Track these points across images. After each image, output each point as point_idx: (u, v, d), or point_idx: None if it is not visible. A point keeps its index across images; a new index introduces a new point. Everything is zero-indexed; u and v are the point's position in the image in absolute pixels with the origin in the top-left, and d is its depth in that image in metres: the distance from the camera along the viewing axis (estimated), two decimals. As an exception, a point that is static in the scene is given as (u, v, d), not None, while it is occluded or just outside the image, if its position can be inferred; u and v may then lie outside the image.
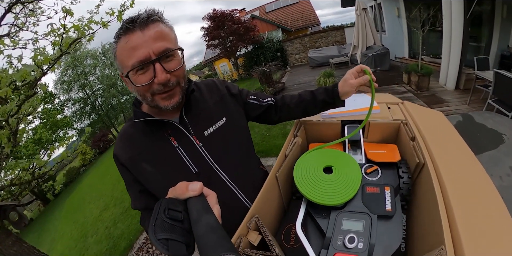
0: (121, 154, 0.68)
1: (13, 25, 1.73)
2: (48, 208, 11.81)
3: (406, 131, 0.68)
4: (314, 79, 5.23)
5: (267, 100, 0.85)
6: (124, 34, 0.56)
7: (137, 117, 0.67)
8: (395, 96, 1.01)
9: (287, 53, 10.79)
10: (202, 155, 0.69)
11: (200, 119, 0.72)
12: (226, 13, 10.00)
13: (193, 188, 0.39)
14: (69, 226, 6.59)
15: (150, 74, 0.57)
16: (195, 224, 0.34)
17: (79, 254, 4.54)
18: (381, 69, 5.77)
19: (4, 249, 1.87)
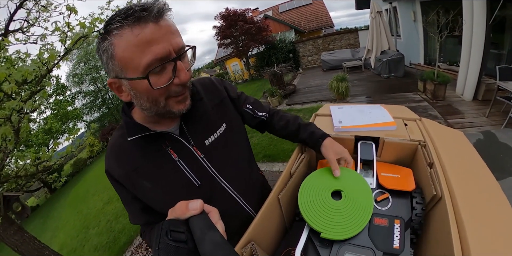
0: (115, 170, 0.62)
1: (25, 21, 1.74)
2: (54, 196, 12.19)
3: (424, 156, 0.61)
4: (326, 82, 5.11)
5: (262, 114, 0.81)
6: (134, 25, 0.44)
7: (131, 133, 0.58)
8: (412, 111, 0.93)
9: (299, 55, 10.67)
10: (204, 167, 0.64)
11: (200, 127, 0.66)
12: (239, 13, 9.98)
13: (194, 207, 0.37)
14: (73, 216, 6.74)
15: (168, 74, 0.49)
16: (200, 243, 0.33)
17: (80, 245, 4.64)
18: (396, 76, 5.63)
19: (6, 238, 1.91)
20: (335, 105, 1.01)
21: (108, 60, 0.47)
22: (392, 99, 4.38)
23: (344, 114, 0.89)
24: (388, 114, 0.84)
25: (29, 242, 2.02)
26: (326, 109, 0.99)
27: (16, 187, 2.22)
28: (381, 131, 0.75)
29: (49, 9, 1.88)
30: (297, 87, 6.96)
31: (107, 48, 0.46)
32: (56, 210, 8.94)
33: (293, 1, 15.24)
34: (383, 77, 5.77)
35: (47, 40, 1.78)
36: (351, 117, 0.86)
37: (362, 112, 0.88)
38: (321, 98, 5.41)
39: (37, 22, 1.86)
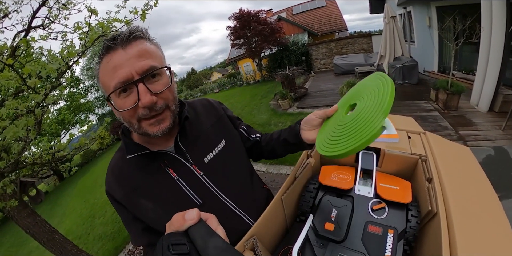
0: (115, 191, 0.63)
1: (46, 18, 1.84)
2: (62, 184, 12.65)
3: (423, 170, 0.62)
4: (338, 87, 5.10)
5: (255, 136, 0.83)
6: (106, 53, 0.51)
7: (130, 151, 0.60)
8: (417, 124, 0.94)
9: (312, 58, 10.62)
10: (205, 184, 0.64)
11: (198, 145, 0.66)
12: (252, 13, 10.02)
13: (190, 217, 0.37)
14: (80, 204, 6.96)
15: (134, 97, 0.51)
16: (203, 251, 0.33)
17: (85, 232, 4.82)
18: (409, 83, 5.52)
19: (19, 220, 2.02)
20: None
21: (98, 82, 0.56)
22: (404, 106, 4.31)
23: None
24: (392, 126, 0.84)
25: (40, 225, 2.13)
26: None
27: (31, 174, 2.33)
28: (383, 143, 0.76)
29: (68, 7, 1.98)
30: (308, 90, 6.95)
31: (95, 72, 0.55)
32: (64, 197, 9.26)
33: (307, 3, 15.19)
34: (397, 84, 5.68)
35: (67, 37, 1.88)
36: None
37: None
38: (333, 103, 5.29)
39: (57, 19, 1.96)
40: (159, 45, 0.58)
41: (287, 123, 5.11)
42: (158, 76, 0.54)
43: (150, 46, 0.54)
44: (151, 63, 0.52)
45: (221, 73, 41.06)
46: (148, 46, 0.54)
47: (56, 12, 1.91)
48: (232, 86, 14.68)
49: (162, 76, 0.55)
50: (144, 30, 0.55)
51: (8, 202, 1.73)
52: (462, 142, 2.86)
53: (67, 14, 1.96)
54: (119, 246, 3.58)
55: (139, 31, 0.53)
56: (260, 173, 3.58)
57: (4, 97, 2.00)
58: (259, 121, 5.90)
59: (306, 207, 0.67)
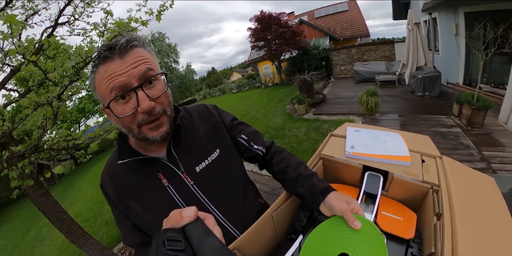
0: (109, 190, 0.64)
1: (71, 15, 1.93)
2: (78, 168, 13.33)
3: (433, 203, 0.56)
4: (357, 94, 4.94)
5: (258, 147, 0.76)
6: (103, 63, 0.52)
7: (122, 157, 0.62)
8: (434, 145, 0.85)
9: (332, 63, 10.42)
10: (194, 194, 0.64)
11: (191, 153, 0.66)
12: (274, 16, 9.99)
13: (188, 214, 0.37)
14: (91, 190, 7.24)
15: (133, 103, 0.52)
16: (198, 250, 0.33)
17: (93, 216, 5.03)
18: (430, 95, 5.24)
19: (34, 197, 2.15)
20: (352, 127, 0.96)
21: (94, 92, 0.56)
22: (423, 121, 4.11)
23: (358, 139, 0.86)
24: (405, 147, 0.78)
25: (51, 205, 2.25)
26: (343, 129, 0.96)
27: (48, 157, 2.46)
28: (393, 165, 0.70)
29: (92, 5, 2.07)
30: (326, 96, 6.80)
31: (91, 81, 0.55)
32: (78, 181, 9.71)
33: (329, 7, 14.94)
34: (417, 95, 5.43)
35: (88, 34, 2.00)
36: (364, 143, 0.82)
37: (376, 140, 0.83)
38: (350, 111, 5.24)
39: (81, 17, 2.06)
40: (153, 51, 0.60)
41: (302, 129, 5.01)
42: (155, 82, 0.56)
43: (146, 53, 0.56)
44: (148, 71, 0.54)
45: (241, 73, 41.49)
46: (144, 53, 0.55)
47: (81, 10, 2.01)
48: (250, 87, 14.76)
49: (158, 82, 0.57)
50: (139, 38, 0.56)
51: (25, 181, 1.83)
52: (486, 164, 2.65)
53: (90, 12, 2.07)
54: None
55: (136, 40, 0.54)
56: (267, 178, 3.51)
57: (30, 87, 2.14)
58: (274, 125, 5.84)
59: (298, 226, 0.64)
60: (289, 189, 0.70)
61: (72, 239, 2.31)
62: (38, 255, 4.73)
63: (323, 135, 4.42)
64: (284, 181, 0.71)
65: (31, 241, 5.66)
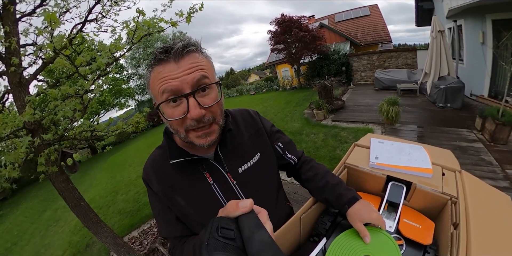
0: (152, 183, 0.67)
1: (100, 13, 2.07)
2: (95, 157, 13.97)
3: (451, 213, 0.59)
4: (377, 103, 4.86)
5: (291, 156, 0.81)
6: (158, 64, 0.53)
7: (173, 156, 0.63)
8: (456, 159, 0.88)
9: (352, 69, 10.21)
10: (235, 192, 0.67)
11: (235, 155, 0.69)
12: (294, 19, 9.93)
13: (244, 205, 0.38)
14: (106, 179, 7.53)
15: (184, 108, 0.53)
16: (248, 242, 0.34)
17: (106, 205, 5.20)
18: (452, 107, 5.05)
19: (56, 183, 2.27)
20: (376, 138, 1.00)
21: (148, 89, 0.59)
22: (443, 133, 3.98)
23: (382, 150, 0.89)
24: (428, 160, 0.81)
25: (71, 191, 2.36)
26: (367, 140, 0.99)
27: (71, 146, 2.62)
28: (415, 176, 0.73)
29: (119, 3, 2.20)
30: (345, 103, 6.70)
31: (146, 80, 0.58)
32: (93, 170, 10.15)
33: (350, 11, 14.71)
34: (438, 107, 5.24)
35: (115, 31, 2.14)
36: (389, 154, 0.85)
37: (401, 152, 0.86)
38: (369, 120, 5.15)
39: (108, 14, 2.19)
40: (210, 58, 0.60)
41: (320, 135, 4.98)
42: (208, 90, 0.56)
43: (202, 59, 0.56)
44: (203, 78, 0.54)
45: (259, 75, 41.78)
46: (200, 59, 0.55)
47: (108, 8, 2.15)
48: (268, 89, 14.76)
49: (212, 90, 0.56)
50: (196, 43, 0.56)
51: (50, 168, 1.95)
52: (509, 183, 2.55)
53: (117, 10, 2.19)
54: (135, 224, 3.81)
55: (192, 45, 0.54)
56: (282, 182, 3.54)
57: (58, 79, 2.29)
58: (291, 129, 5.81)
59: (321, 229, 0.67)
60: (317, 196, 0.74)
61: (87, 225, 2.42)
62: (52, 234, 5.03)
63: (340, 142, 4.36)
64: (312, 189, 0.76)
65: (46, 220, 6.03)
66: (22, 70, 1.97)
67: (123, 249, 2.54)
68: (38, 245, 4.79)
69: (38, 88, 2.09)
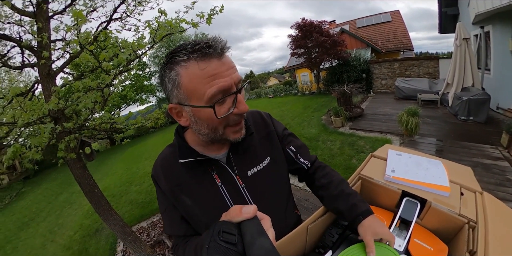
0: (161, 181, 0.67)
1: (124, 12, 2.17)
2: (113, 148, 14.54)
3: (468, 239, 0.55)
4: (397, 112, 4.70)
5: (304, 161, 0.79)
6: (200, 60, 0.49)
7: (182, 156, 0.63)
8: (475, 178, 0.82)
9: (372, 76, 9.95)
10: (243, 196, 0.67)
11: (245, 157, 0.69)
12: (315, 24, 9.81)
13: (247, 211, 0.38)
14: (121, 169, 7.83)
15: (228, 105, 0.53)
16: (249, 248, 0.33)
17: (119, 194, 5.39)
18: (475, 120, 4.73)
19: (73, 169, 2.39)
20: (394, 150, 0.96)
21: (173, 88, 0.53)
22: (463, 148, 3.76)
23: (399, 163, 0.86)
24: (446, 177, 0.77)
25: (86, 178, 2.47)
26: (384, 151, 0.96)
27: (90, 135, 2.74)
28: (431, 194, 0.70)
29: (143, 4, 2.28)
30: (364, 111, 6.55)
31: (173, 77, 0.52)
32: (110, 160, 10.58)
33: (372, 17, 14.37)
34: (459, 119, 4.96)
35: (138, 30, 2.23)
36: (406, 168, 0.82)
37: (418, 166, 0.83)
38: (387, 130, 5.00)
39: (132, 14, 2.29)
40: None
41: (336, 142, 4.89)
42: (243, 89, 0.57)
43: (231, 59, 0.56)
44: (241, 77, 0.55)
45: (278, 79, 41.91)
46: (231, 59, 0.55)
47: (133, 8, 2.24)
48: (286, 93, 14.71)
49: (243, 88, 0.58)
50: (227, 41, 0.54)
51: (69, 154, 2.06)
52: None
53: (141, 10, 2.28)
54: (144, 215, 3.93)
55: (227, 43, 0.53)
56: (294, 188, 3.48)
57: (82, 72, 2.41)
58: (307, 135, 5.76)
59: (328, 241, 0.66)
60: (329, 205, 0.72)
61: (98, 211, 2.52)
62: (66, 215, 5.33)
63: (357, 151, 4.27)
64: (325, 197, 0.73)
65: (62, 202, 6.39)
66: (51, 62, 2.09)
67: (130, 238, 2.62)
68: (52, 224, 5.10)
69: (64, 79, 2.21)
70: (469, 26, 5.69)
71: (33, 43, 2.05)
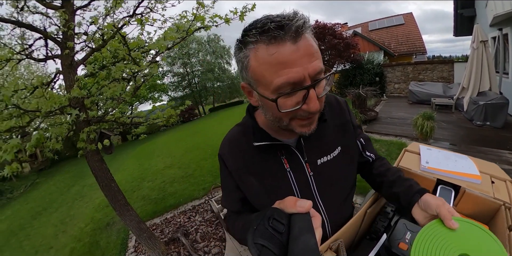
0: (228, 160, 0.67)
1: (147, 7, 2.21)
2: (124, 144, 14.85)
3: (506, 217, 0.57)
4: (410, 116, 4.69)
5: (370, 154, 0.79)
6: (269, 43, 0.42)
7: (257, 139, 0.61)
8: (503, 171, 0.85)
9: (386, 80, 9.87)
10: (310, 184, 0.65)
11: (317, 146, 0.66)
12: (328, 26, 9.82)
13: (302, 205, 0.38)
14: (134, 165, 7.91)
15: (298, 98, 0.46)
16: (293, 241, 0.34)
17: (131, 189, 5.41)
18: (492, 125, 4.61)
19: (91, 161, 2.40)
20: (424, 146, 1.02)
21: (242, 69, 0.49)
22: (479, 153, 3.68)
23: (431, 156, 0.90)
24: (475, 167, 0.81)
25: (104, 171, 2.48)
26: (416, 147, 1.01)
27: (109, 128, 2.80)
28: (464, 181, 0.72)
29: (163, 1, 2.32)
30: (379, 115, 6.53)
31: (242, 59, 0.47)
32: (122, 155, 10.71)
33: (384, 19, 14.25)
34: (475, 125, 4.85)
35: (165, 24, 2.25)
36: (437, 160, 0.87)
37: (448, 159, 0.87)
38: (402, 134, 4.97)
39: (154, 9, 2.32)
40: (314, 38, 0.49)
41: None
42: (322, 80, 0.48)
43: (314, 42, 0.47)
44: (321, 67, 0.46)
45: None
46: (313, 42, 0.46)
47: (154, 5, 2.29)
48: None
49: (323, 80, 0.49)
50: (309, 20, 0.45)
51: (89, 145, 2.10)
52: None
53: (162, 7, 2.32)
54: (158, 211, 3.91)
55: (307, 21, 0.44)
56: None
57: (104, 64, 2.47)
58: None
59: (380, 226, 0.68)
60: (385, 191, 0.70)
61: (114, 206, 2.52)
62: (77, 207, 5.46)
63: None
64: (383, 182, 0.71)
65: (73, 194, 6.53)
66: (74, 53, 2.16)
67: (145, 234, 2.60)
68: (64, 215, 5.23)
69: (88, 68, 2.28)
70: (487, 28, 5.54)
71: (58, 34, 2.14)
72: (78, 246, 3.62)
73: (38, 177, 10.56)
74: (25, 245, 4.26)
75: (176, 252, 2.77)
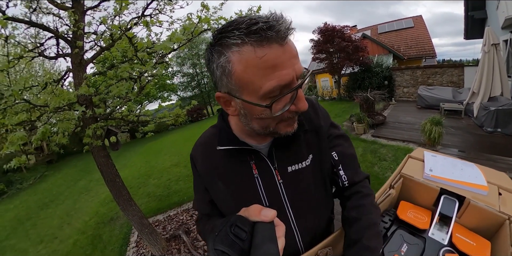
0: (198, 163, 0.66)
1: (156, 9, 2.26)
2: (132, 142, 15.12)
3: (510, 233, 0.55)
4: (419, 122, 4.61)
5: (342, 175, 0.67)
6: (258, 45, 0.40)
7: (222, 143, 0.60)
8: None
9: (394, 84, 9.70)
10: (279, 192, 0.63)
11: (288, 153, 0.63)
12: (337, 29, 9.73)
13: (266, 214, 0.38)
14: (141, 162, 8.04)
15: (285, 101, 0.46)
16: (255, 249, 0.34)
17: (137, 186, 5.51)
18: (503, 132, 4.46)
19: (97, 157, 2.46)
20: (429, 152, 0.98)
21: (222, 76, 0.45)
22: (489, 161, 3.57)
23: (436, 164, 0.87)
24: (482, 177, 0.77)
25: (109, 167, 2.54)
26: (420, 153, 0.97)
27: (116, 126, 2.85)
28: (468, 192, 0.70)
29: (172, 3, 2.37)
30: (387, 119, 6.44)
31: (224, 64, 0.43)
32: (129, 152, 10.91)
33: (393, 22, 14.01)
34: (486, 131, 4.70)
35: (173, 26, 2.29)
36: (442, 168, 0.83)
37: (454, 167, 0.84)
38: (409, 139, 4.90)
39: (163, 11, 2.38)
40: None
41: (358, 149, 4.76)
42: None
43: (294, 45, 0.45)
44: (302, 66, 0.46)
45: None
46: (294, 45, 0.45)
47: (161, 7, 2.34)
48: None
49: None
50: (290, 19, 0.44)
51: (95, 141, 2.14)
52: None
53: (171, 8, 2.37)
54: (161, 208, 3.97)
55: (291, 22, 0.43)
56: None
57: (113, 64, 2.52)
58: None
59: None
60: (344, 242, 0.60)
61: (118, 201, 2.57)
62: (82, 201, 5.60)
63: (379, 159, 4.20)
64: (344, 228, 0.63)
65: (80, 188, 6.70)
66: (84, 52, 2.21)
67: (146, 230, 2.66)
68: (69, 207, 5.37)
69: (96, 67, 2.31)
70: (498, 31, 5.37)
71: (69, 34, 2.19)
72: (81, 238, 3.72)
73: (47, 169, 10.89)
74: (31, 234, 4.40)
75: (176, 249, 2.81)
